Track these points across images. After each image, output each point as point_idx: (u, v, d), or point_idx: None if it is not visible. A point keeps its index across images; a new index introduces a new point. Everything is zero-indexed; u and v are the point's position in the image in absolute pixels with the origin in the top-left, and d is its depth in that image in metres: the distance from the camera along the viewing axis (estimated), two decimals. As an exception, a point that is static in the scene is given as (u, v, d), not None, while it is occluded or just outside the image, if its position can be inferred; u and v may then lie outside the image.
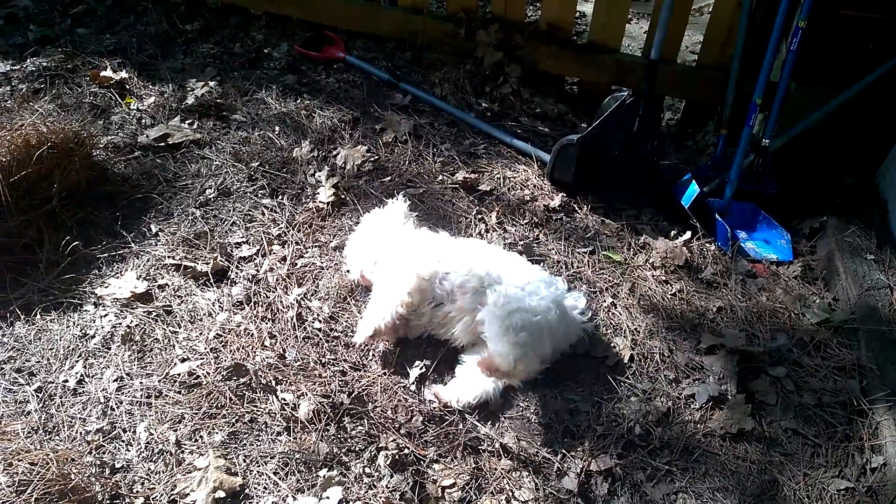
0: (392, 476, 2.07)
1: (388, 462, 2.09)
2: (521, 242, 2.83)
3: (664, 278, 2.77)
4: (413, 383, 2.32)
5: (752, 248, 2.97)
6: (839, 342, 2.54)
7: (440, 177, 3.12)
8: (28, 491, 1.79)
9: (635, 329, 2.57)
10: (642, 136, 3.06)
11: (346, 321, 2.51)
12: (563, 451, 2.17)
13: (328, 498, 1.99)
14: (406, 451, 2.12)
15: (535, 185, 3.14)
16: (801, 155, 3.22)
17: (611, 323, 2.59)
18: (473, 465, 2.10)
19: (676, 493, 2.11)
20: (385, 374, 2.35)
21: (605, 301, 2.66)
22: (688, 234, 2.92)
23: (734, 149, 3.06)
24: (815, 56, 3.00)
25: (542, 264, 2.77)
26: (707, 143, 3.62)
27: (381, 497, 2.01)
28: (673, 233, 2.96)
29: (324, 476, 2.05)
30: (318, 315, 2.51)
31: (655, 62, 2.99)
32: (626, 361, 2.46)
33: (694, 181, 3.04)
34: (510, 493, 2.06)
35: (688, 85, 3.49)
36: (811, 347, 2.52)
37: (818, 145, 3.19)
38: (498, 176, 3.16)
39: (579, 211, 3.05)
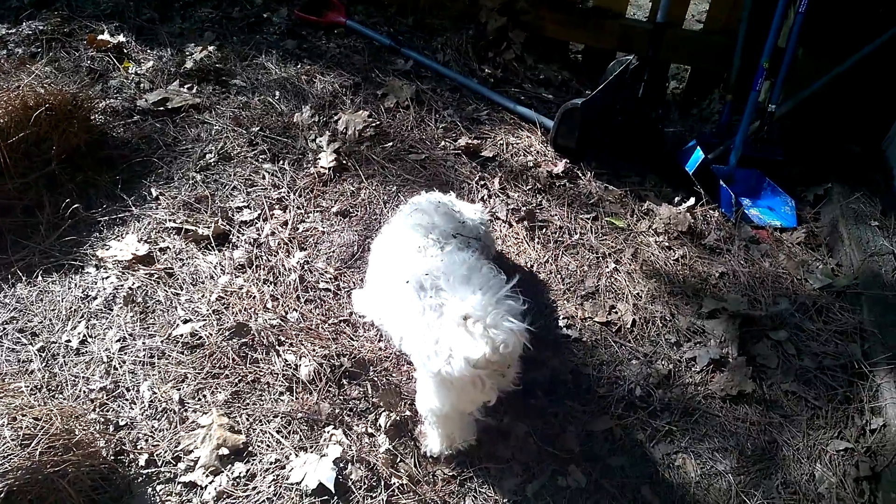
0: (392, 438, 2.08)
1: (389, 423, 2.10)
2: (524, 208, 2.82)
3: (667, 244, 2.76)
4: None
5: (755, 214, 2.96)
6: (841, 307, 2.54)
7: (442, 143, 3.09)
8: (32, 444, 1.79)
9: (637, 294, 2.57)
10: (647, 102, 3.03)
11: (350, 284, 2.51)
12: (565, 412, 2.18)
13: (327, 455, 2.01)
14: (407, 413, 2.13)
15: (538, 152, 3.11)
16: (807, 121, 3.19)
17: (613, 287, 2.59)
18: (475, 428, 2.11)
19: (676, 452, 2.12)
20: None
21: (607, 266, 2.66)
22: (691, 201, 2.90)
23: (739, 116, 3.04)
24: (823, 20, 2.96)
25: (545, 229, 2.77)
26: (712, 112, 3.58)
27: (380, 457, 2.02)
28: (677, 199, 2.94)
29: (325, 435, 2.06)
30: (320, 277, 2.51)
31: (662, 25, 2.95)
32: (628, 325, 2.46)
33: (699, 147, 3.02)
34: (511, 455, 2.07)
35: (693, 51, 3.45)
36: (813, 312, 2.52)
37: (824, 112, 3.16)
38: (501, 142, 3.14)
39: (583, 177, 3.03)
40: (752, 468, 2.09)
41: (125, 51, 3.37)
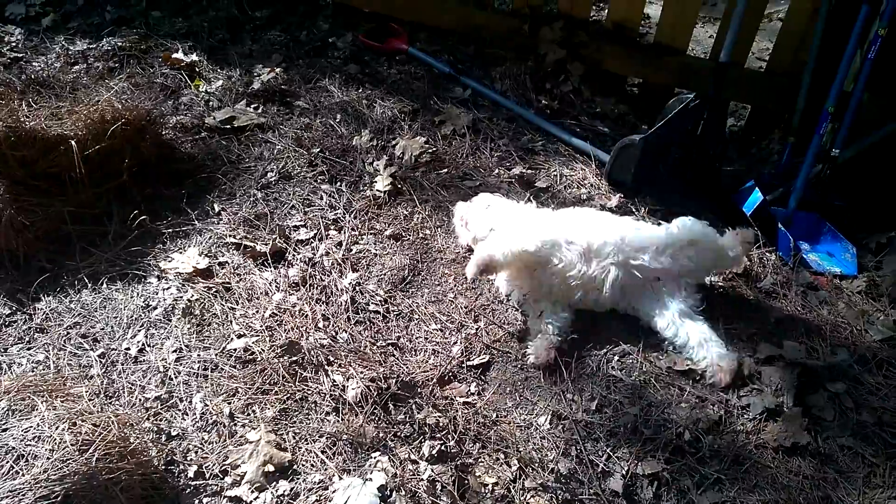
0: (435, 466, 2.08)
1: (432, 451, 2.10)
2: (576, 241, 2.81)
3: (722, 285, 2.71)
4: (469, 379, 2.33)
5: (814, 260, 2.88)
6: (903, 361, 2.44)
7: (496, 171, 3.12)
8: (90, 451, 1.85)
9: (689, 335, 2.52)
10: (706, 139, 3.00)
11: (399, 307, 2.54)
12: (609, 452, 2.15)
13: (371, 480, 2.02)
14: (451, 442, 2.13)
15: (591, 185, 3.11)
16: (871, 168, 3.11)
17: (664, 327, 2.55)
18: (518, 464, 2.10)
19: (724, 502, 2.06)
20: (437, 362, 2.37)
21: (658, 305, 2.62)
22: (748, 242, 2.85)
23: (800, 158, 2.98)
24: (893, 67, 2.89)
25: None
26: (771, 151, 3.52)
27: (423, 486, 2.02)
28: (732, 240, 2.89)
29: (370, 459, 2.08)
30: (371, 299, 2.55)
31: (725, 65, 2.93)
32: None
33: (757, 188, 2.97)
34: (554, 493, 2.05)
35: (755, 91, 3.41)
36: (873, 365, 2.43)
37: (888, 158, 3.07)
38: (555, 173, 3.15)
39: (636, 213, 3.01)
40: (804, 525, 2.02)
41: (197, 69, 3.51)
